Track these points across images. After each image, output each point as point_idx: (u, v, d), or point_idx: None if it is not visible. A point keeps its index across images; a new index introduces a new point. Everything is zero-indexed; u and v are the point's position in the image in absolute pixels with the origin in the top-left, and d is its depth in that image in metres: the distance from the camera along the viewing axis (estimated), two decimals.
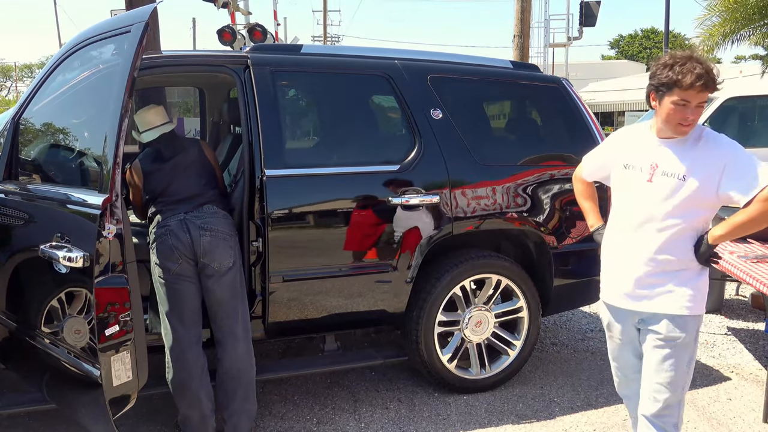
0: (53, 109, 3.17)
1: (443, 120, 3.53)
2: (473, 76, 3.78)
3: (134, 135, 3.24)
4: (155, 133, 3.14)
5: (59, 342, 2.83)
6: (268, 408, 3.52)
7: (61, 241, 2.57)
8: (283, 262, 3.20)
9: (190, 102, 6.47)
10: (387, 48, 3.86)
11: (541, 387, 3.79)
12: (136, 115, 3.19)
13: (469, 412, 3.47)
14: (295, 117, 3.74)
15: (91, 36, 3.00)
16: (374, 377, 3.92)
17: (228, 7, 11.77)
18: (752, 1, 11.82)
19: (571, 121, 3.88)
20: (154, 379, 2.98)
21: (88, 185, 2.76)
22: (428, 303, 3.46)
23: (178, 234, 2.96)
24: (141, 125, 3.17)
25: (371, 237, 3.34)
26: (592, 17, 19.47)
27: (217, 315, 3.04)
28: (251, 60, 3.28)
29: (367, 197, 3.34)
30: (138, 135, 3.20)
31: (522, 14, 10.79)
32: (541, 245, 3.73)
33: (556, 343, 4.54)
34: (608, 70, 30.67)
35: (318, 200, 3.28)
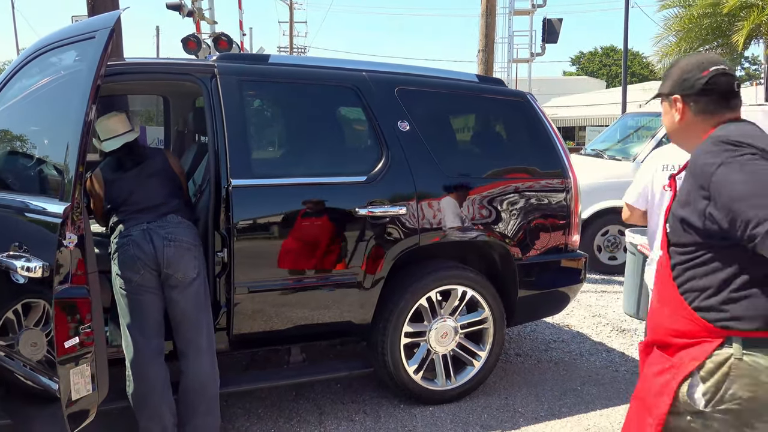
0: (12, 115, 3.08)
1: (410, 132, 3.55)
2: (440, 89, 3.82)
3: (95, 143, 3.17)
4: (118, 142, 3.08)
5: (14, 355, 2.73)
6: (231, 422, 3.47)
7: (20, 251, 2.50)
8: (249, 273, 3.17)
9: (153, 111, 6.37)
10: (355, 60, 3.88)
11: (505, 397, 3.82)
12: (97, 123, 3.12)
13: (435, 423, 3.48)
14: (262, 127, 3.72)
15: (53, 42, 2.94)
16: (340, 389, 3.90)
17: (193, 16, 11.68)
18: (706, 22, 12.27)
19: (535, 134, 3.95)
20: (114, 393, 2.91)
21: (48, 193, 2.69)
22: (394, 314, 3.46)
23: (140, 244, 2.91)
24: (102, 133, 3.10)
25: (338, 248, 3.33)
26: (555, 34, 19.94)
27: (180, 327, 2.99)
28: (218, 69, 3.26)
29: (334, 208, 3.33)
30: (99, 143, 3.13)
31: (486, 30, 10.94)
32: (506, 257, 3.77)
33: (520, 353, 4.58)
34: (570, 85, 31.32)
35: (284, 211, 3.26)
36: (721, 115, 1.75)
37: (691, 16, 12.34)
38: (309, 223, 3.28)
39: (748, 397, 1.55)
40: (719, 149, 1.59)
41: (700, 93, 1.76)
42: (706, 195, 1.56)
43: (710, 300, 1.60)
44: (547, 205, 3.84)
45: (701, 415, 1.61)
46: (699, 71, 1.77)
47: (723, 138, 1.61)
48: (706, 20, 12.27)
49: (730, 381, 1.56)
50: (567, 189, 3.88)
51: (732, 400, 1.57)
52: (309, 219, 3.28)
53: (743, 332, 1.55)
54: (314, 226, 3.28)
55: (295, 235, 3.26)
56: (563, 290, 3.98)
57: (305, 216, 3.27)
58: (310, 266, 3.30)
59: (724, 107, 1.75)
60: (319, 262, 3.30)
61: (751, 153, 1.55)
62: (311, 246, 3.28)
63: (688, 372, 1.62)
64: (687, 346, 1.63)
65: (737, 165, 1.53)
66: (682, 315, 1.64)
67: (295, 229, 3.26)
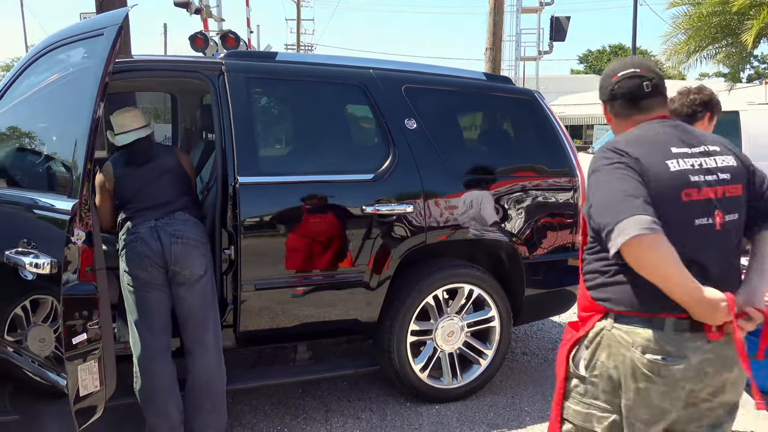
0: (21, 112, 3.10)
1: (417, 130, 3.55)
2: (447, 87, 3.81)
3: (108, 136, 3.19)
4: (130, 137, 3.09)
5: (23, 351, 2.75)
6: (238, 418, 3.48)
7: (28, 247, 2.51)
8: (256, 270, 3.17)
9: (160, 108, 6.38)
10: (362, 58, 3.87)
11: (512, 396, 3.81)
12: (112, 117, 3.14)
13: (441, 422, 3.48)
14: (269, 124, 3.73)
15: (62, 39, 2.95)
16: (346, 387, 3.90)
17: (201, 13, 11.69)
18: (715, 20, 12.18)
19: (542, 132, 3.93)
20: (121, 389, 2.92)
21: (57, 190, 2.70)
22: (401, 312, 3.46)
23: (148, 241, 2.91)
24: (117, 127, 3.11)
25: (344, 246, 3.33)
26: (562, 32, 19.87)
27: (187, 324, 3.00)
28: (226, 66, 3.26)
29: (340, 206, 3.33)
30: (112, 137, 3.15)
31: (494, 28, 10.92)
32: (513, 255, 3.76)
33: (527, 352, 4.57)
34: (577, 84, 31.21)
35: (291, 208, 3.26)
36: (633, 117, 1.87)
37: (700, 15, 12.25)
38: (316, 221, 3.28)
39: (613, 366, 1.75)
40: (601, 156, 1.78)
41: (611, 97, 1.91)
42: (587, 195, 1.78)
43: (595, 282, 1.82)
44: (555, 203, 3.83)
45: (583, 379, 1.83)
46: (611, 77, 1.91)
47: (610, 145, 1.79)
48: (716, 18, 12.18)
49: (600, 350, 1.78)
50: (575, 188, 3.86)
51: (602, 367, 1.78)
52: (316, 217, 3.28)
53: (615, 311, 1.76)
54: (321, 223, 3.28)
55: (301, 232, 3.26)
56: (570, 289, 3.96)
57: (312, 214, 3.27)
58: (317, 264, 3.30)
59: (634, 109, 1.87)
60: (325, 260, 3.30)
61: (619, 162, 1.72)
62: (318, 244, 3.28)
63: (575, 340, 1.85)
64: (587, 319, 1.85)
65: (604, 173, 1.73)
66: (583, 294, 1.87)
67: (301, 227, 3.26)
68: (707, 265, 1.71)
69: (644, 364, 1.70)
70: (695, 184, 1.72)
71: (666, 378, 1.69)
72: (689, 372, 1.69)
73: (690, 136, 1.83)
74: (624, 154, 1.73)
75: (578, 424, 1.85)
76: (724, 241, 1.76)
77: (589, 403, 1.83)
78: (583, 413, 1.84)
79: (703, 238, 1.72)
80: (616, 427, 1.78)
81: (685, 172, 1.73)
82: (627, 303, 1.73)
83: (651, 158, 1.72)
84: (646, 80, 1.85)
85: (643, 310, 1.71)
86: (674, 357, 1.68)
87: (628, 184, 1.66)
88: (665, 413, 1.73)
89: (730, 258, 1.78)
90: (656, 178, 1.70)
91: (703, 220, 1.72)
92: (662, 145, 1.76)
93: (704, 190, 1.73)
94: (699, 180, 1.73)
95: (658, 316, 1.69)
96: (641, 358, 1.70)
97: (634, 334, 1.72)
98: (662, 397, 1.71)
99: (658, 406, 1.72)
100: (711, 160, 1.78)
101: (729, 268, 1.77)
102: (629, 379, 1.73)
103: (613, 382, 1.77)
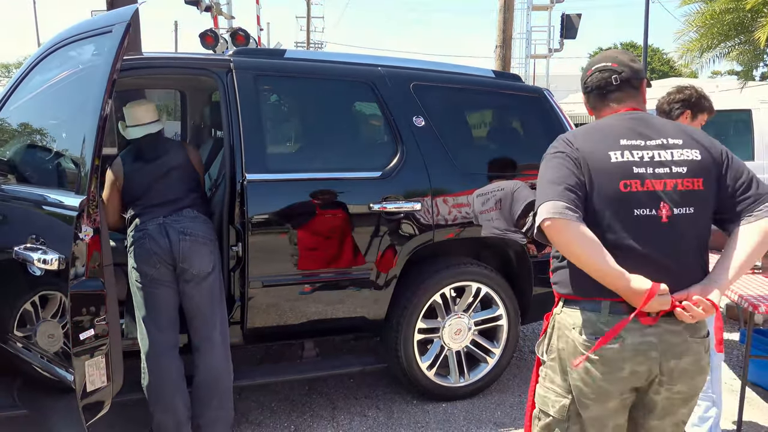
0: (31, 109, 3.12)
1: (425, 127, 3.54)
2: (455, 85, 3.79)
3: (119, 127, 3.20)
4: (141, 131, 3.10)
5: (32, 346, 2.77)
6: (245, 415, 3.49)
7: (36, 243, 2.53)
8: (263, 267, 3.18)
9: (171, 105, 6.40)
10: (370, 55, 3.86)
11: (519, 395, 3.79)
12: (125, 108, 3.15)
13: (448, 420, 3.47)
14: (277, 122, 3.72)
15: (72, 36, 2.96)
16: (353, 384, 3.90)
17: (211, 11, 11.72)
18: (728, 18, 12.06)
19: (551, 130, 3.89)
20: (128, 385, 2.93)
21: (65, 186, 2.72)
22: (408, 310, 3.45)
23: (156, 238, 2.92)
24: (129, 119, 3.12)
25: (352, 243, 3.33)
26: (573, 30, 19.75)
27: (194, 320, 3.00)
28: (234, 63, 3.26)
29: (348, 203, 3.33)
30: (123, 128, 3.16)
31: (504, 25, 10.88)
32: (521, 254, 3.75)
33: (535, 351, 4.55)
34: None
35: (299, 205, 3.26)
36: (604, 109, 1.95)
37: (713, 12, 12.13)
38: (323, 218, 3.28)
39: (561, 348, 1.87)
40: (551, 146, 1.89)
41: (586, 90, 1.99)
42: None
43: (552, 267, 1.94)
44: None
45: (544, 364, 1.95)
46: (587, 71, 1.99)
47: (563, 136, 1.89)
48: (729, 16, 12.06)
49: (554, 333, 1.91)
50: None
51: (555, 351, 1.89)
52: (323, 214, 3.28)
53: (564, 295, 1.88)
54: (328, 221, 3.28)
55: (308, 230, 3.26)
56: None
57: (319, 211, 3.27)
58: (324, 261, 3.30)
59: (604, 102, 1.95)
60: (332, 257, 3.30)
61: (559, 151, 1.83)
62: (325, 241, 3.28)
63: (544, 330, 1.98)
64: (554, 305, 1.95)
65: (545, 161, 1.86)
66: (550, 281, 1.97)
67: (308, 224, 3.26)
68: (655, 257, 1.75)
69: (581, 344, 1.80)
70: (637, 176, 1.76)
71: (603, 357, 1.77)
72: (626, 353, 1.76)
73: (650, 129, 1.85)
74: (568, 144, 1.83)
75: (540, 407, 1.95)
76: (674, 234, 1.76)
77: (548, 387, 1.93)
78: (542, 396, 1.94)
79: (647, 230, 1.75)
80: (566, 410, 1.87)
81: (627, 164, 1.77)
82: (570, 287, 1.84)
83: (594, 149, 1.80)
84: (615, 74, 1.91)
85: (583, 294, 1.81)
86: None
87: (556, 173, 1.77)
88: (610, 393, 1.80)
89: (685, 251, 1.78)
90: (596, 168, 1.77)
91: (644, 211, 1.75)
92: (612, 137, 1.82)
93: (648, 182, 1.76)
94: (643, 172, 1.77)
95: (596, 300, 1.79)
96: (579, 338, 1.81)
97: (575, 316, 1.83)
98: (604, 377, 1.78)
99: (601, 386, 1.79)
100: (667, 153, 1.80)
101: (685, 261, 1.78)
102: (572, 360, 1.82)
103: (562, 363, 1.87)
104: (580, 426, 1.86)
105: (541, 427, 1.94)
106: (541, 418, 1.94)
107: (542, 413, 1.94)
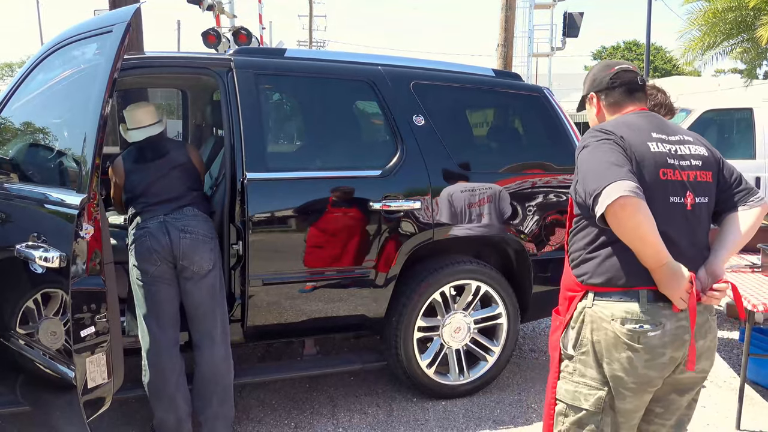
0: (32, 108, 3.14)
1: (425, 126, 3.55)
2: (455, 83, 3.80)
3: (121, 129, 3.22)
4: (142, 133, 3.13)
5: (34, 343, 2.79)
6: (246, 412, 3.51)
7: (38, 241, 2.55)
8: (263, 265, 3.19)
9: (172, 104, 6.43)
10: (371, 54, 3.87)
11: (519, 393, 3.81)
12: (126, 111, 3.17)
13: (447, 418, 3.48)
14: (278, 121, 3.74)
15: (73, 35, 2.98)
16: (353, 382, 3.91)
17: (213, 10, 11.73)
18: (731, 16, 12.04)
19: (551, 130, 3.92)
20: (130, 382, 2.96)
21: (67, 185, 2.74)
22: (408, 308, 3.47)
23: (157, 236, 2.94)
24: (130, 122, 3.14)
25: (352, 242, 3.34)
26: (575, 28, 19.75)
27: (195, 318, 3.02)
28: (234, 63, 3.27)
29: (348, 202, 3.34)
30: (125, 131, 3.18)
31: (506, 23, 10.87)
32: (520, 252, 3.76)
33: (535, 349, 4.57)
34: None
35: (299, 204, 3.27)
36: (625, 106, 2.05)
37: (716, 11, 12.11)
38: (323, 217, 3.29)
39: (596, 340, 1.88)
40: (590, 135, 1.92)
41: (608, 87, 2.07)
42: (576, 172, 1.90)
43: (578, 259, 1.95)
44: (564, 201, 3.81)
45: (571, 358, 1.95)
46: (607, 70, 2.09)
47: (599, 127, 1.94)
48: (731, 14, 12.04)
49: (584, 327, 1.91)
50: None
51: (587, 344, 1.90)
52: (323, 213, 3.29)
53: (594, 286, 1.90)
54: (328, 219, 3.29)
55: (309, 228, 3.28)
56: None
57: (319, 210, 3.28)
58: (324, 259, 3.31)
59: (628, 99, 2.06)
60: (333, 256, 3.32)
61: (606, 138, 1.86)
62: (325, 239, 3.29)
63: (565, 324, 1.98)
64: (571, 298, 1.97)
65: (592, 147, 1.86)
66: (567, 273, 2.01)
67: (309, 223, 3.28)
68: (677, 239, 1.86)
69: (624, 334, 1.84)
70: (671, 166, 1.89)
71: (646, 345, 1.83)
72: (666, 338, 1.83)
73: (667, 127, 2.01)
74: (610, 133, 1.89)
75: (568, 403, 1.95)
76: (693, 220, 1.91)
77: (577, 382, 1.94)
78: (572, 392, 1.95)
79: (676, 215, 1.87)
80: (602, 402, 1.90)
81: (663, 154, 1.89)
82: (604, 278, 1.87)
83: (634, 139, 1.88)
84: (638, 76, 2.08)
85: (619, 285, 1.85)
86: (651, 324, 1.82)
87: (613, 156, 1.81)
88: (651, 380, 1.86)
89: (698, 236, 1.93)
90: (640, 155, 1.86)
91: (677, 198, 1.88)
92: (643, 130, 1.93)
93: (678, 173, 1.89)
94: (674, 163, 1.89)
95: (633, 289, 1.84)
96: (621, 328, 1.84)
97: (612, 307, 1.86)
98: (646, 364, 1.84)
99: (644, 374, 1.85)
100: (685, 148, 1.95)
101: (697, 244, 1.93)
102: (613, 351, 1.86)
103: (598, 355, 1.89)
104: (612, 418, 1.91)
105: (571, 423, 1.95)
106: (569, 414, 1.95)
107: (571, 409, 1.95)
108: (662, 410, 1.99)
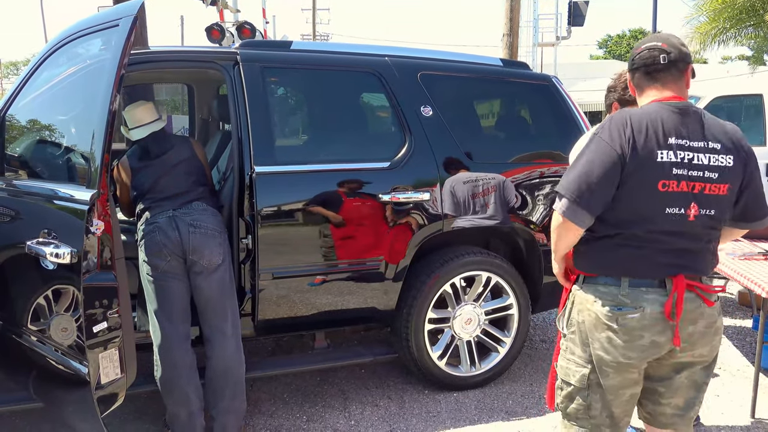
0: (40, 104, 3.13)
1: (433, 117, 3.52)
2: (463, 74, 3.78)
3: (123, 131, 3.21)
4: (144, 131, 3.12)
5: (46, 339, 2.79)
6: (257, 406, 3.51)
7: (48, 237, 2.54)
8: (273, 259, 3.19)
9: (178, 99, 6.42)
10: (377, 45, 3.84)
11: (530, 384, 3.80)
12: (125, 111, 3.16)
13: (459, 409, 3.48)
14: (285, 114, 3.72)
15: (78, 31, 2.96)
16: (364, 375, 3.91)
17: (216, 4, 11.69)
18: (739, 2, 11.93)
19: (561, 118, 3.88)
20: (142, 377, 2.96)
21: (76, 181, 2.73)
22: (418, 300, 3.46)
23: (166, 231, 2.94)
24: (130, 122, 3.14)
25: (361, 234, 3.33)
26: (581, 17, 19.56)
27: (205, 312, 3.02)
28: (241, 56, 3.26)
29: (357, 194, 3.33)
30: (126, 131, 3.17)
31: (511, 13, 10.80)
32: (530, 242, 3.74)
33: (546, 340, 4.55)
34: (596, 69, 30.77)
35: (308, 197, 3.26)
36: (646, 90, 1.96)
37: None
38: (332, 210, 3.28)
39: (581, 321, 1.99)
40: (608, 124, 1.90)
41: (633, 68, 1.99)
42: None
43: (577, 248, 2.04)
44: None
45: (565, 337, 2.08)
46: (636, 48, 1.99)
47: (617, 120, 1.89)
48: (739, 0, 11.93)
49: (573, 308, 2.04)
50: None
51: (574, 324, 2.02)
52: (332, 205, 3.28)
53: (583, 272, 2.02)
54: (337, 212, 3.28)
55: (318, 221, 3.27)
56: None
57: (328, 202, 3.27)
58: (334, 252, 3.30)
59: (648, 82, 1.95)
60: (342, 249, 3.31)
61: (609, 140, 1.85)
62: (334, 232, 3.28)
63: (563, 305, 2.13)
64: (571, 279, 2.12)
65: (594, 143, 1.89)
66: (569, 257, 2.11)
67: (318, 216, 3.27)
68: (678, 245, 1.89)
69: (604, 315, 1.93)
70: (676, 177, 1.84)
71: (624, 327, 1.91)
72: (645, 321, 1.89)
73: (695, 125, 1.88)
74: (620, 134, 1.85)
75: (561, 377, 2.08)
76: (697, 228, 1.90)
77: (568, 358, 2.05)
78: (564, 368, 2.07)
79: (674, 225, 1.88)
80: (585, 379, 1.99)
81: (669, 164, 1.84)
82: (593, 265, 1.99)
83: (644, 144, 1.83)
84: (664, 53, 1.90)
85: (604, 273, 1.96)
86: (630, 307, 1.90)
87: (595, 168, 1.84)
88: (631, 360, 1.93)
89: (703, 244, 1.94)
90: (640, 164, 1.83)
91: (675, 209, 1.86)
92: (662, 134, 1.85)
93: (684, 183, 1.85)
94: (680, 173, 1.85)
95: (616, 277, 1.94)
96: (601, 309, 1.94)
97: (596, 290, 1.96)
98: (625, 345, 1.91)
99: (623, 354, 1.92)
100: (705, 157, 1.86)
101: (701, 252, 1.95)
102: (594, 331, 1.96)
103: (582, 335, 1.99)
104: (600, 395, 1.98)
105: (563, 396, 2.07)
106: (563, 388, 2.07)
107: (564, 383, 2.07)
108: (664, 390, 2.02)
